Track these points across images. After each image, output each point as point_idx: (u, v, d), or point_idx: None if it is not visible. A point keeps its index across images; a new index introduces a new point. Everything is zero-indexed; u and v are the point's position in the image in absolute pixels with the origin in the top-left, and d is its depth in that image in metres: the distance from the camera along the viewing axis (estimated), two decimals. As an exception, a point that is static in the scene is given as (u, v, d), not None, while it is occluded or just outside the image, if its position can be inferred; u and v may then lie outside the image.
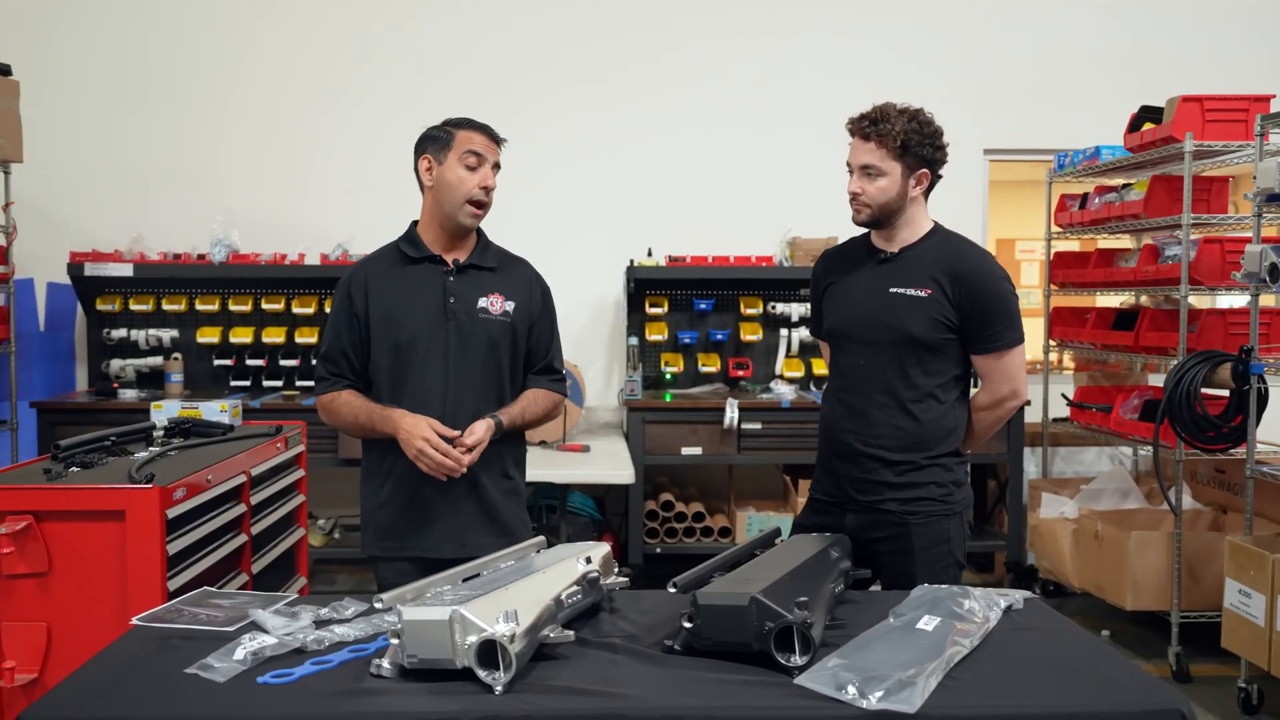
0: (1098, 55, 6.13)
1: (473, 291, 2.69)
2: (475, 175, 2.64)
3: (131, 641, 2.01)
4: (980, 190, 6.20)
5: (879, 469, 2.56)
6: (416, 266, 2.68)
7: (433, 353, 2.63)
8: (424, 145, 2.70)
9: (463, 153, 2.63)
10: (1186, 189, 4.19)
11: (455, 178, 2.63)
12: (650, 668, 1.88)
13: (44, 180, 5.69)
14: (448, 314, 2.65)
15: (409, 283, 2.66)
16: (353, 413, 2.63)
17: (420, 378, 2.63)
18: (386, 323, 2.63)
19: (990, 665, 1.90)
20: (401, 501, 2.65)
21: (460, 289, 2.68)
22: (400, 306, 2.64)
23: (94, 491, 2.52)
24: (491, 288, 2.72)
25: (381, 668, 1.82)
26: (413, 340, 2.62)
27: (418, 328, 2.63)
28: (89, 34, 5.87)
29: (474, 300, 2.68)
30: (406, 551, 2.64)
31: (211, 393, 5.50)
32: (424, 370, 2.63)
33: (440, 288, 2.66)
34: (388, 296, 2.64)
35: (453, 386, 2.64)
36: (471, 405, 2.65)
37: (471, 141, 2.65)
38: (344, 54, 5.97)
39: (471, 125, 2.69)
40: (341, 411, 2.65)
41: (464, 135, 2.65)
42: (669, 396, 5.56)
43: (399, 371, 2.63)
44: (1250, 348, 3.76)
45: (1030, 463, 5.50)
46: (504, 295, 2.73)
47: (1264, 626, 3.54)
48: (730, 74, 6.06)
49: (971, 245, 2.64)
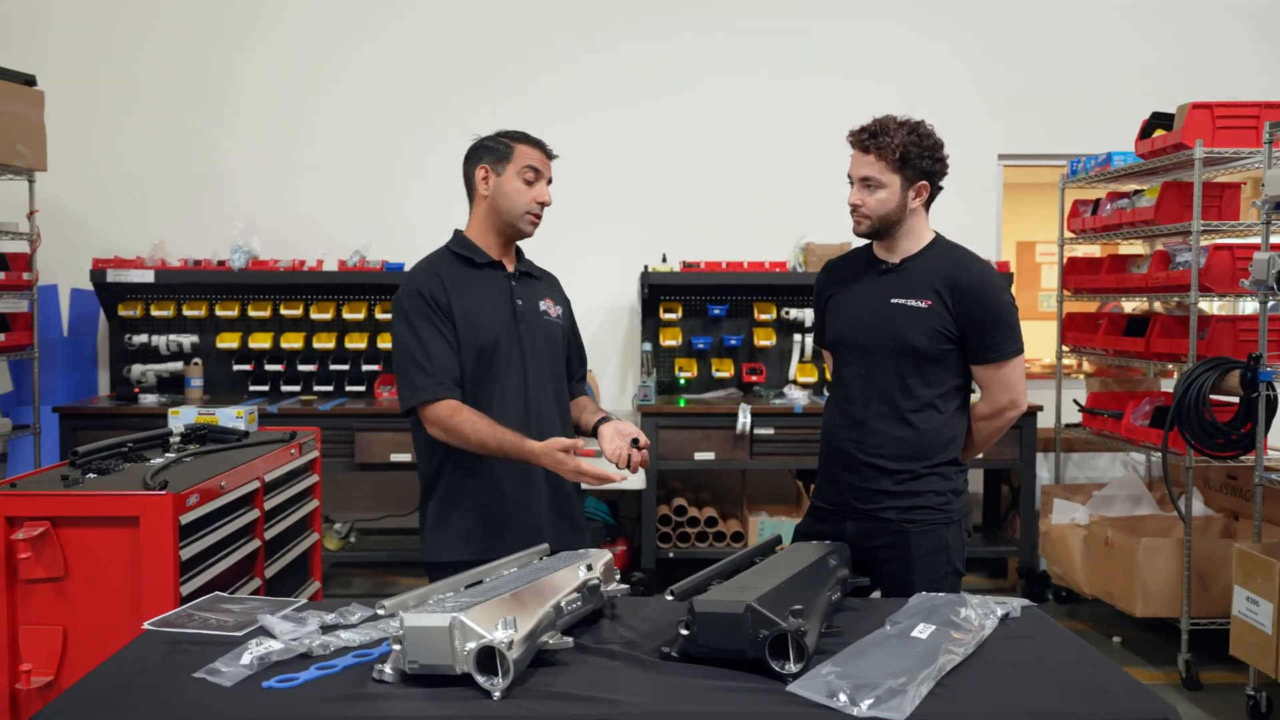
0: (1114, 60, 6.14)
1: (532, 295, 2.76)
2: (533, 189, 2.70)
3: (142, 646, 2.06)
4: (994, 195, 6.21)
5: (878, 478, 2.59)
6: (480, 271, 2.71)
7: (511, 356, 2.67)
8: (480, 155, 2.73)
9: (522, 167, 2.68)
10: (1196, 196, 4.19)
11: (514, 189, 2.68)
12: (647, 674, 1.91)
13: (68, 188, 5.79)
14: (518, 317, 2.69)
15: (481, 287, 2.69)
16: (478, 436, 2.53)
17: (504, 380, 2.65)
18: (468, 324, 2.64)
19: (983, 673, 1.92)
20: (483, 507, 2.66)
21: (523, 293, 2.74)
22: (479, 310, 2.65)
23: (109, 498, 2.58)
24: (543, 293, 2.81)
25: (384, 673, 1.86)
26: (495, 343, 2.65)
27: (497, 331, 2.66)
28: (112, 44, 5.97)
29: (536, 304, 2.75)
30: (490, 554, 2.61)
31: (231, 398, 5.59)
32: (506, 372, 2.66)
33: (508, 292, 2.71)
34: (464, 300, 2.65)
35: (531, 387, 2.68)
36: (545, 405, 2.71)
37: (530, 157, 2.70)
38: (364, 64, 6.04)
39: (528, 140, 2.74)
40: (465, 432, 2.54)
41: (522, 150, 2.71)
42: (683, 402, 5.59)
43: (482, 374, 2.64)
44: (1259, 355, 3.75)
45: (1043, 468, 5.50)
46: (553, 300, 2.82)
47: (1271, 634, 3.54)
48: (743, 80, 6.10)
49: (972, 257, 2.66)
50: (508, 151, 2.69)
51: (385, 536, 5.81)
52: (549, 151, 2.76)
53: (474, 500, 2.66)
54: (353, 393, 5.71)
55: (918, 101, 6.01)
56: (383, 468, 5.26)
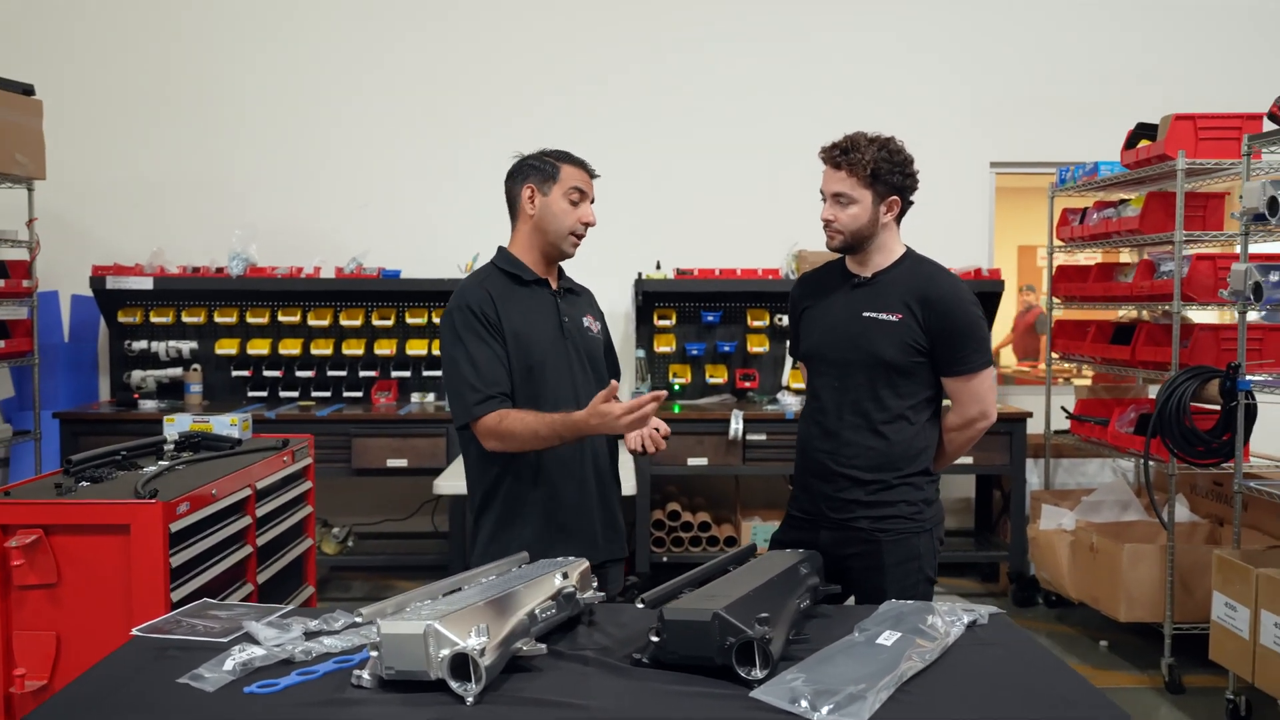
0: (1107, 68, 6.19)
1: (577, 312, 2.82)
2: (578, 210, 2.75)
3: (130, 652, 2.11)
4: (987, 202, 6.26)
5: (851, 488, 2.65)
6: (528, 289, 2.75)
7: (560, 371, 2.71)
8: (526, 174, 2.77)
9: (568, 188, 2.73)
10: (1179, 206, 4.24)
11: (560, 209, 2.73)
12: (617, 680, 1.96)
13: (69, 196, 5.87)
14: (565, 333, 2.74)
15: (529, 304, 2.73)
16: (530, 429, 2.58)
17: (554, 396, 2.69)
18: (517, 341, 2.68)
19: (944, 680, 1.97)
20: (546, 516, 2.70)
21: (568, 310, 2.79)
22: (527, 327, 2.70)
23: (100, 506, 2.64)
24: (585, 309, 2.87)
25: (361, 679, 1.91)
26: (543, 360, 2.69)
27: (545, 348, 2.70)
28: (111, 53, 6.05)
29: (580, 320, 2.81)
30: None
31: (230, 403, 5.66)
32: (557, 389, 2.70)
33: (554, 309, 2.76)
34: (513, 317, 2.69)
35: (580, 401, 2.71)
36: None
37: (575, 178, 2.75)
38: (360, 72, 6.11)
39: (573, 161, 2.79)
40: (516, 430, 2.58)
41: (568, 171, 2.75)
42: (678, 408, 5.65)
43: (532, 391, 2.68)
44: (1238, 364, 3.80)
45: (1034, 474, 5.55)
46: (593, 316, 2.89)
47: (1248, 639, 3.59)
48: (738, 89, 6.16)
49: (942, 271, 2.71)
50: (554, 171, 2.73)
51: (383, 540, 5.88)
52: (592, 171, 2.81)
53: (535, 511, 2.70)
54: (350, 398, 5.77)
55: (911, 110, 6.14)
56: (379, 473, 5.32)
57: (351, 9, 6.11)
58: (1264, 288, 3.46)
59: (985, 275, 5.79)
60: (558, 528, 2.70)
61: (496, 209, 6.65)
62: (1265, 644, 3.50)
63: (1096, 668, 4.54)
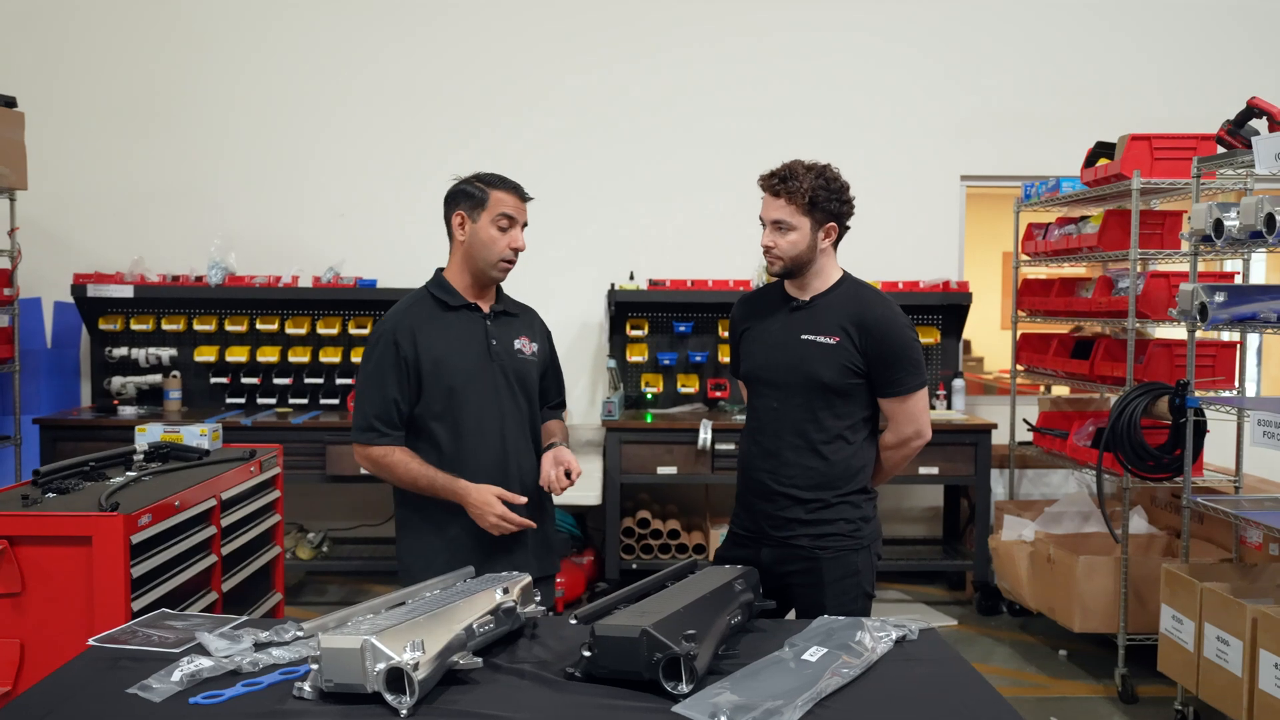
0: (1079, 84, 6.28)
1: (508, 335, 2.88)
2: (506, 236, 2.80)
3: (84, 662, 2.19)
4: (957, 214, 6.35)
5: (791, 506, 2.73)
6: (456, 314, 2.83)
7: (485, 394, 2.79)
8: (458, 200, 2.83)
9: (496, 215, 2.78)
10: (1134, 225, 4.32)
11: (488, 237, 2.78)
12: (549, 693, 2.04)
13: (52, 204, 5.95)
14: (492, 356, 2.82)
15: (454, 329, 2.81)
16: (410, 476, 2.74)
17: (478, 420, 2.78)
18: (438, 367, 2.76)
19: (864, 695, 2.05)
20: (471, 539, 2.78)
21: (498, 333, 2.85)
22: (450, 352, 2.78)
23: (63, 518, 2.72)
24: (519, 331, 2.92)
25: (303, 691, 1.99)
26: (466, 384, 2.78)
27: (469, 372, 2.78)
28: (94, 65, 6.12)
29: (510, 343, 2.87)
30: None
31: (208, 410, 5.73)
32: (481, 411, 2.79)
33: (482, 332, 2.83)
34: (436, 344, 2.77)
35: (508, 425, 2.82)
36: (522, 442, 2.85)
37: (504, 204, 2.79)
38: (339, 84, 6.19)
39: (504, 185, 2.82)
40: (397, 471, 2.75)
41: (497, 196, 2.80)
42: (650, 417, 5.73)
43: (455, 415, 2.77)
44: (1186, 381, 3.89)
45: (999, 484, 5.64)
46: (529, 338, 2.94)
47: (1193, 652, 3.67)
48: (710, 103, 6.24)
49: (877, 296, 2.79)
50: (483, 198, 2.79)
51: (358, 545, 5.95)
52: (524, 195, 2.85)
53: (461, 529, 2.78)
54: (327, 405, 5.85)
55: (882, 122, 6.24)
56: (353, 480, 5.39)
57: (331, 22, 6.19)
58: (1209, 308, 3.54)
59: (954, 288, 5.89)
60: (489, 543, 2.78)
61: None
62: (1208, 656, 3.59)
63: (1053, 677, 4.63)
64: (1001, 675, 4.64)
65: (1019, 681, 4.57)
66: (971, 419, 5.68)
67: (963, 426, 5.51)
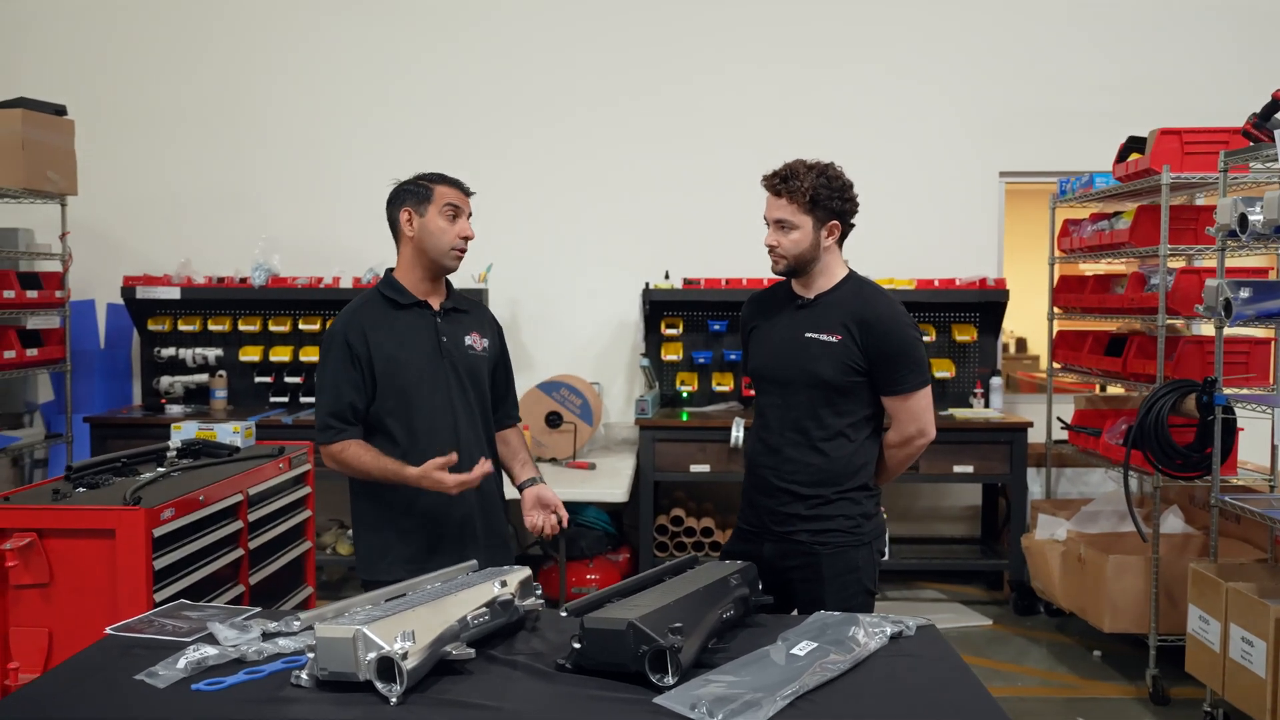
0: (1121, 77, 6.18)
1: (458, 331, 2.94)
2: (455, 225, 2.87)
3: (100, 649, 2.28)
4: (995, 212, 6.29)
5: (792, 502, 2.75)
6: (406, 312, 2.89)
7: (436, 391, 2.86)
8: (403, 199, 2.90)
9: (442, 206, 2.86)
10: (1163, 220, 4.26)
11: (437, 228, 2.85)
12: (539, 683, 2.09)
13: (106, 209, 6.14)
14: (443, 353, 2.88)
15: (403, 327, 2.88)
16: (363, 466, 2.81)
17: (430, 415, 2.85)
18: (390, 365, 2.84)
19: (850, 691, 2.06)
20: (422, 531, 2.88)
21: (448, 329, 2.91)
22: (400, 350, 2.85)
23: (88, 511, 2.81)
24: (470, 327, 2.98)
25: (300, 679, 2.06)
26: (417, 380, 2.85)
27: (420, 369, 2.85)
28: (143, 74, 6.32)
29: (461, 339, 2.93)
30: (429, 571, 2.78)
31: (253, 408, 5.87)
32: (432, 407, 2.86)
33: (433, 330, 2.89)
34: (386, 342, 2.85)
35: (460, 419, 2.88)
36: (473, 435, 2.91)
37: (449, 196, 2.87)
38: (378, 88, 6.31)
39: (445, 181, 2.91)
40: (352, 463, 2.83)
41: (441, 190, 2.88)
42: (685, 415, 5.76)
43: (407, 412, 2.85)
44: (1214, 379, 3.83)
45: (1036, 483, 5.58)
46: (479, 334, 2.99)
47: (1219, 653, 3.62)
48: (747, 98, 6.25)
49: (879, 294, 2.80)
50: (428, 193, 2.87)
51: (398, 542, 6.03)
52: (466, 189, 2.94)
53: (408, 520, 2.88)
54: (367, 404, 5.95)
55: (919, 118, 6.19)
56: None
57: (372, 29, 6.30)
58: (1233, 304, 3.49)
59: (990, 285, 5.83)
60: (436, 537, 2.86)
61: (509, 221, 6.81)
62: (1233, 657, 3.54)
63: (1084, 677, 4.58)
64: (1032, 675, 4.60)
65: (1049, 682, 4.53)
66: (1008, 417, 5.63)
67: (997, 425, 5.46)
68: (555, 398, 5.46)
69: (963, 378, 6.02)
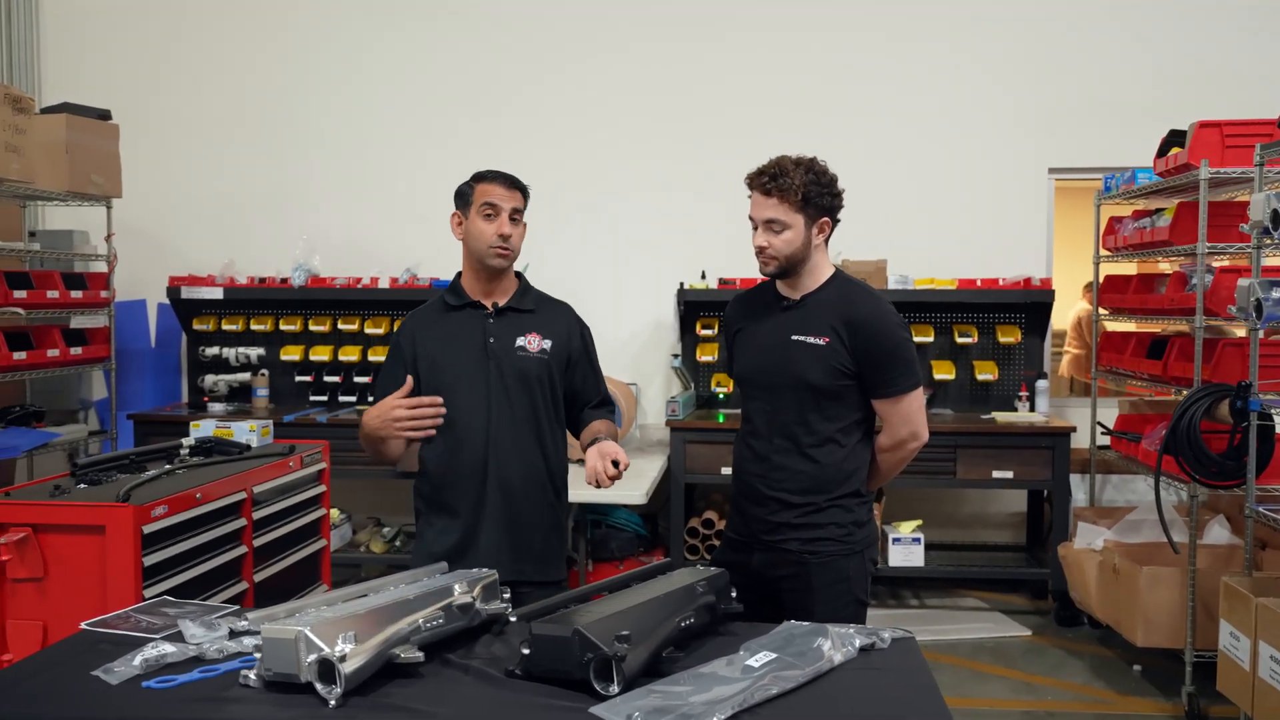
0: (1167, 70, 5.95)
1: (511, 332, 2.91)
2: (492, 225, 2.86)
3: (69, 644, 2.31)
4: (1045, 209, 6.10)
5: (781, 510, 2.67)
6: (459, 313, 2.93)
7: (475, 392, 2.85)
8: (456, 204, 2.96)
9: (481, 205, 2.87)
10: (1201, 217, 4.08)
11: (477, 229, 2.87)
12: (485, 689, 2.06)
13: (154, 210, 6.29)
14: (489, 354, 2.87)
15: (452, 329, 2.91)
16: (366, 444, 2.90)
17: (464, 417, 2.84)
18: (433, 368, 2.87)
19: (797, 704, 1.99)
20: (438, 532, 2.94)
21: (499, 330, 2.90)
22: (444, 352, 2.88)
23: (79, 508, 2.87)
24: (529, 328, 2.94)
25: (248, 679, 2.06)
26: (455, 382, 2.85)
27: (460, 370, 2.86)
28: (187, 79, 6.47)
29: (512, 340, 2.90)
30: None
31: (294, 407, 5.96)
32: (468, 410, 2.85)
33: (481, 330, 2.89)
34: (431, 344, 2.89)
35: (494, 422, 2.85)
36: (509, 440, 2.86)
37: (488, 194, 2.87)
38: (418, 90, 6.36)
39: (488, 177, 2.92)
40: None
41: (482, 189, 2.89)
42: (722, 417, 5.70)
43: (446, 413, 2.83)
44: (1248, 383, 3.65)
45: (1080, 490, 5.40)
46: (540, 334, 2.94)
47: (1248, 671, 3.45)
48: (781, 97, 6.16)
49: (866, 293, 2.71)
50: (470, 193, 2.90)
51: (434, 540, 6.07)
52: (511, 182, 2.90)
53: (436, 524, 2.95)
54: (403, 403, 6.00)
55: (966, 114, 6.04)
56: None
57: (410, 33, 6.36)
58: (1264, 305, 3.32)
59: (1035, 285, 5.66)
60: (461, 542, 2.87)
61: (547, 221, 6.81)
62: (1262, 676, 3.36)
63: (1120, 693, 4.41)
64: (1065, 690, 4.44)
65: (1082, 697, 4.37)
66: (1052, 421, 5.45)
67: (1040, 429, 5.29)
68: (584, 398, 5.42)
69: (1006, 380, 5.85)
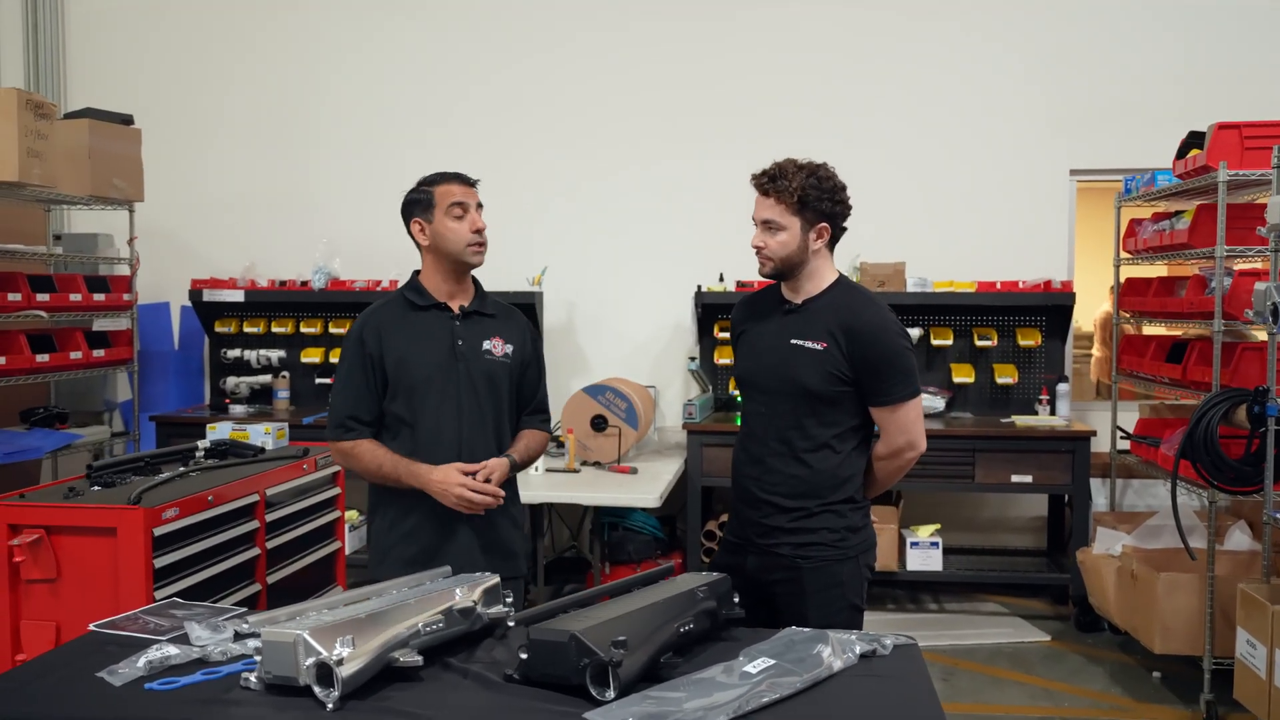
0: (1190, 72, 5.88)
1: (477, 335, 2.93)
2: (464, 222, 2.88)
3: (77, 645, 2.34)
4: (1066, 211, 6.04)
5: (774, 514, 2.67)
6: (424, 313, 2.91)
7: (445, 393, 2.86)
8: (411, 210, 2.94)
9: (448, 206, 2.87)
10: (1220, 220, 4.03)
11: (448, 230, 2.87)
12: (482, 694, 2.06)
13: (178, 214, 6.36)
14: (457, 356, 2.88)
15: (420, 328, 2.90)
16: (376, 462, 2.83)
17: (436, 416, 2.86)
18: (400, 366, 2.86)
19: (793, 711, 1.99)
20: (426, 535, 2.88)
21: (466, 333, 2.91)
22: (413, 351, 2.87)
23: (92, 510, 2.91)
24: (493, 331, 2.96)
25: (250, 681, 2.08)
26: (427, 381, 2.86)
27: (430, 370, 2.86)
28: (210, 83, 6.53)
29: (479, 343, 2.92)
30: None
31: (314, 409, 5.99)
32: (439, 410, 2.86)
33: (449, 332, 2.90)
34: (400, 343, 2.87)
35: (465, 424, 2.87)
36: (480, 441, 2.89)
37: (451, 194, 2.88)
38: (436, 93, 6.39)
39: (445, 179, 2.92)
40: (364, 459, 2.85)
41: (443, 190, 2.89)
42: (739, 420, 5.66)
43: (413, 412, 2.86)
44: (1265, 388, 3.60)
45: (1101, 494, 5.35)
46: (503, 339, 2.97)
47: (1265, 679, 3.40)
48: (802, 99, 6.14)
49: (867, 300, 2.70)
50: (430, 198, 2.88)
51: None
52: (467, 180, 2.93)
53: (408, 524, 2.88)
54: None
55: (987, 117, 6.00)
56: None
57: (428, 35, 6.39)
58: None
59: (1056, 288, 5.61)
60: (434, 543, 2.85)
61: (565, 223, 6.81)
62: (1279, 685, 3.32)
63: (1138, 700, 4.36)
64: (1082, 696, 4.40)
65: (1099, 704, 4.33)
66: (1073, 425, 5.40)
67: (1060, 433, 5.24)
68: (600, 401, 5.43)
69: (1026, 384, 5.81)
